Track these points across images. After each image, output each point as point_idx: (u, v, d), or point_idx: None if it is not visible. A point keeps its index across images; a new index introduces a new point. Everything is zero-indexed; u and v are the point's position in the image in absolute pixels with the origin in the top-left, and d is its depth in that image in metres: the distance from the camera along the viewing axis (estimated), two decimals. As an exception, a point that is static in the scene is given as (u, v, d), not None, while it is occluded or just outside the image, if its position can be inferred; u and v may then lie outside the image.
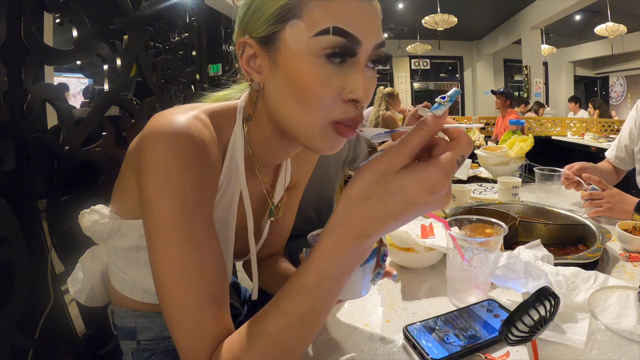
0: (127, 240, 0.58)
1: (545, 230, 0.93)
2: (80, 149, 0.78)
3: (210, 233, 0.47)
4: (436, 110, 0.35)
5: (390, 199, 0.34)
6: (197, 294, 0.43)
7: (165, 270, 0.44)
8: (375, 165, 0.35)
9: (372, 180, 0.35)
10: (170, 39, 1.41)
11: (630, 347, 0.39)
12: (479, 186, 1.54)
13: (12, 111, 0.66)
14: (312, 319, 0.40)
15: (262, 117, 0.55)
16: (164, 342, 0.64)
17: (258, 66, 0.50)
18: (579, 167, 1.28)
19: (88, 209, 0.60)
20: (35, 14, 0.70)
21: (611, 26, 6.52)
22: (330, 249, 0.37)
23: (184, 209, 0.44)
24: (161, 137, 0.45)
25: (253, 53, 0.50)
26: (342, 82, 0.45)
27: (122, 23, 0.93)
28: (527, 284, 0.60)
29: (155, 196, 0.44)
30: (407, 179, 0.34)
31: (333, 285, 0.39)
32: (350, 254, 0.37)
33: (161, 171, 0.44)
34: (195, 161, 0.46)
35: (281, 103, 0.49)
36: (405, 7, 7.28)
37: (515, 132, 2.44)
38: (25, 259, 0.63)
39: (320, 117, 0.46)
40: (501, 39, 8.79)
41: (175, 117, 0.47)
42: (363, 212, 0.35)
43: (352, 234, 0.36)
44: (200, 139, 0.47)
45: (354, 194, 0.36)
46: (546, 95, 7.99)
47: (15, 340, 0.62)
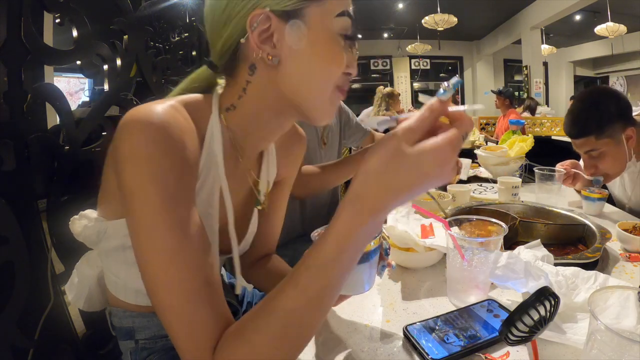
0: (113, 241, 0.57)
1: (545, 230, 0.93)
2: (80, 149, 0.78)
3: (194, 217, 0.46)
4: (442, 96, 0.39)
5: (406, 173, 0.37)
6: (189, 279, 0.42)
7: (152, 258, 0.42)
8: (390, 142, 0.38)
9: (387, 155, 0.38)
10: (170, 39, 1.41)
11: (630, 347, 0.39)
12: (479, 186, 1.54)
13: (12, 111, 0.66)
14: (329, 293, 0.41)
15: (254, 101, 0.54)
16: (162, 341, 0.64)
17: (276, 40, 0.49)
18: (571, 163, 1.32)
19: (77, 215, 0.60)
20: (35, 14, 0.70)
21: (611, 26, 6.53)
22: (349, 222, 0.39)
23: (166, 193, 0.43)
24: (137, 125, 0.45)
25: (268, 27, 0.49)
26: (346, 58, 0.52)
27: (122, 23, 0.93)
28: (527, 284, 0.60)
29: (135, 183, 0.43)
30: (420, 153, 0.37)
31: (350, 258, 0.41)
32: (367, 226, 0.39)
33: (139, 158, 0.43)
34: (174, 146, 0.45)
35: (304, 76, 0.51)
36: (405, 7, 7.28)
37: (515, 132, 2.44)
38: (25, 259, 0.63)
39: (333, 86, 0.52)
40: (501, 39, 8.79)
41: (150, 106, 0.47)
42: (380, 185, 0.38)
43: (369, 207, 0.38)
44: (177, 125, 0.47)
45: (371, 169, 0.38)
46: (546, 95, 7.99)
47: (15, 340, 0.62)
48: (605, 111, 1.12)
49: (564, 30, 8.41)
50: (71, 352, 0.74)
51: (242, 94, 0.55)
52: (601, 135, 1.12)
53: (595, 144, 1.14)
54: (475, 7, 7.11)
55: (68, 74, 6.73)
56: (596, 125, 1.12)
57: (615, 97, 1.16)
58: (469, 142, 2.52)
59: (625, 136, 1.12)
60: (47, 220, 0.72)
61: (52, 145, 0.72)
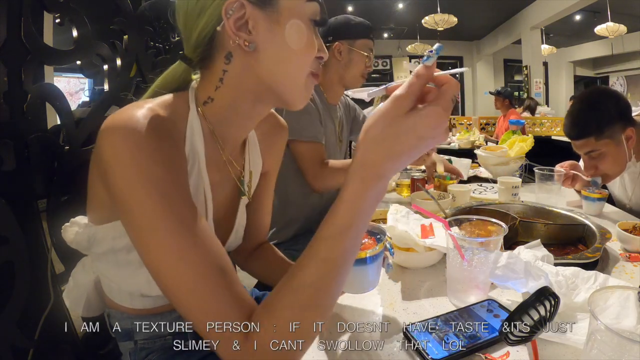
0: (103, 245, 0.57)
1: (545, 230, 0.93)
2: (80, 149, 0.78)
3: (194, 211, 0.46)
4: (426, 62, 0.41)
5: (404, 137, 0.40)
6: (203, 272, 0.43)
7: (163, 260, 0.43)
8: (386, 111, 0.40)
9: (385, 123, 0.40)
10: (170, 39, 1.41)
11: (630, 347, 0.39)
12: (479, 186, 1.54)
13: (12, 111, 0.66)
14: (347, 258, 0.44)
15: (233, 89, 0.55)
16: (161, 340, 0.64)
17: (251, 27, 0.51)
18: (570, 164, 1.32)
19: (69, 222, 0.60)
20: (35, 14, 0.70)
21: (611, 26, 6.52)
22: (358, 190, 0.42)
23: (161, 193, 0.43)
24: (118, 130, 0.45)
25: (242, 15, 0.50)
26: (317, 42, 0.54)
27: (122, 23, 0.93)
28: (527, 284, 0.60)
29: (128, 190, 0.43)
30: (416, 117, 0.40)
31: (363, 224, 0.43)
32: (373, 191, 0.42)
33: (126, 165, 0.44)
34: (159, 146, 0.45)
35: (280, 60, 0.52)
36: (405, 7, 7.28)
37: (515, 132, 2.44)
38: (25, 259, 0.63)
39: (306, 71, 0.54)
40: (501, 39, 8.79)
41: (128, 111, 0.47)
42: (381, 152, 0.40)
43: (374, 173, 0.41)
44: (158, 126, 0.47)
45: (371, 137, 0.41)
46: (546, 95, 7.98)
47: (15, 340, 0.62)
48: (604, 112, 1.12)
49: (564, 30, 8.41)
50: (71, 352, 0.74)
51: (219, 84, 0.55)
52: (601, 136, 1.12)
53: (595, 145, 1.14)
54: (475, 7, 7.11)
55: (68, 74, 6.73)
56: (596, 126, 1.13)
57: (615, 98, 1.16)
58: (469, 142, 2.53)
59: (625, 136, 1.12)
60: (47, 220, 0.72)
61: (52, 145, 0.72)
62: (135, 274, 0.57)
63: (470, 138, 3.28)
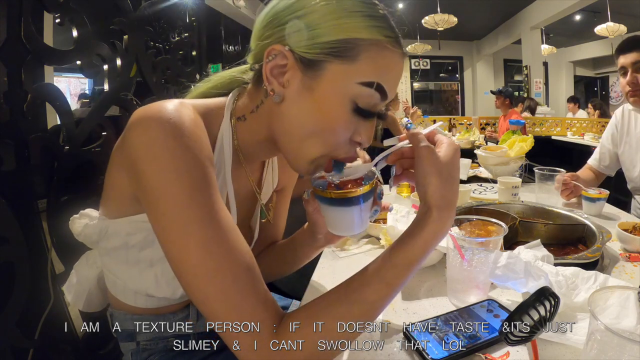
0: (115, 240, 0.56)
1: (545, 230, 0.93)
2: (80, 149, 0.78)
3: (222, 207, 0.45)
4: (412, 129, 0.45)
5: (454, 171, 0.46)
6: (230, 268, 0.42)
7: (188, 253, 0.42)
8: (428, 165, 0.45)
9: (434, 172, 0.45)
10: (170, 39, 1.41)
11: (630, 347, 0.39)
12: (479, 186, 1.54)
13: (12, 111, 0.66)
14: (404, 285, 0.47)
15: (260, 121, 0.55)
16: (163, 342, 0.64)
17: (286, 80, 0.49)
18: (571, 176, 1.31)
19: (77, 214, 0.59)
20: (35, 14, 0.70)
21: (611, 26, 6.52)
22: (438, 228, 0.45)
23: (193, 187, 0.43)
24: (152, 122, 0.44)
25: (284, 64, 0.48)
26: (356, 127, 0.50)
27: (122, 23, 0.93)
28: (527, 284, 0.60)
29: (160, 181, 0.43)
30: (446, 154, 0.46)
31: (429, 254, 0.47)
32: (447, 226, 0.46)
33: (160, 155, 0.43)
34: (192, 139, 0.45)
35: (295, 126, 0.50)
36: (405, 7, 7.27)
37: (516, 132, 2.44)
38: (25, 259, 0.63)
39: (323, 152, 0.50)
40: (501, 39, 8.78)
41: (161, 104, 0.47)
42: (447, 190, 0.45)
43: (447, 210, 0.45)
44: (191, 122, 0.47)
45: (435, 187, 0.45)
46: (546, 95, 7.98)
47: (15, 340, 0.62)
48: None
49: (564, 30, 8.40)
50: (71, 352, 0.74)
51: (255, 110, 0.55)
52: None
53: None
54: (475, 7, 7.11)
55: (68, 74, 6.72)
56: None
57: None
58: (469, 142, 2.54)
59: None
60: (47, 220, 0.72)
61: (52, 145, 0.72)
62: (144, 273, 0.56)
63: (470, 138, 3.28)
